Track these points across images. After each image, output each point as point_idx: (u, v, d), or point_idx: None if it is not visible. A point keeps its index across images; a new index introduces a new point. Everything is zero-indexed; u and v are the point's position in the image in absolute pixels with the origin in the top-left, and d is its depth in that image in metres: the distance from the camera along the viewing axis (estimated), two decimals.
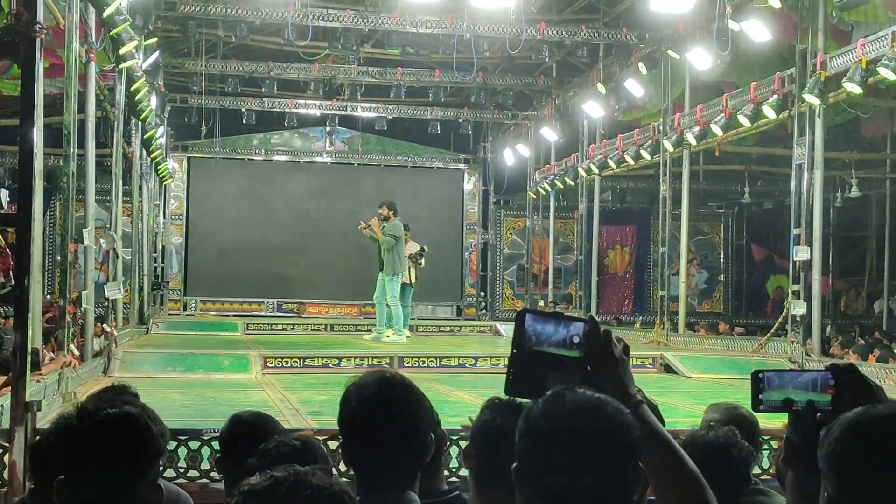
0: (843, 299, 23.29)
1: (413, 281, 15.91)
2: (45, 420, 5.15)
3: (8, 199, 5.50)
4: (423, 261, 16.08)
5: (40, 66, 4.93)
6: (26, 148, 4.80)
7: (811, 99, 11.99)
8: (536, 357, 1.91)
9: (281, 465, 1.83)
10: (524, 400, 1.94)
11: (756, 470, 3.75)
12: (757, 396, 2.21)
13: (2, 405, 5.50)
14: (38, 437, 3.92)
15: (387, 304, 14.87)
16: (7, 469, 4.62)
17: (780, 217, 21.59)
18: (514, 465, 1.81)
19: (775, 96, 12.81)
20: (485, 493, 2.67)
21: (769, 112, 12.95)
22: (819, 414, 2.16)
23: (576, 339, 1.91)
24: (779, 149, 18.78)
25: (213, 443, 5.03)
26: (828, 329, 13.65)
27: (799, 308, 12.29)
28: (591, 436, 1.75)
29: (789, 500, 2.38)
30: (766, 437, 5.25)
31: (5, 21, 4.76)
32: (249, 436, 3.28)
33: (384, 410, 2.55)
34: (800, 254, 12.37)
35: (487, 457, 2.63)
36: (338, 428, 2.63)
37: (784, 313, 12.96)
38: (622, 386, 1.91)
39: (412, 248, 15.92)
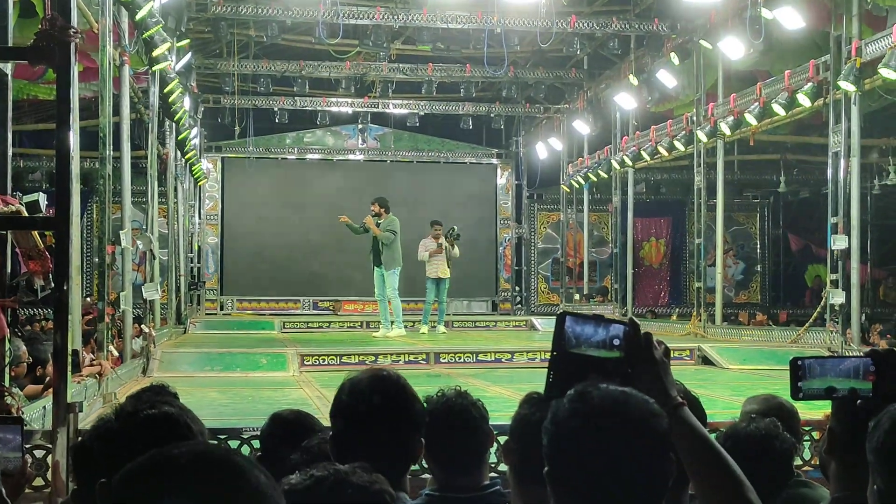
0: (881, 287, 23.06)
1: (442, 275, 15.92)
2: (86, 421, 5.19)
3: (46, 202, 5.54)
4: (457, 247, 16.07)
5: (75, 71, 4.97)
6: (63, 151, 4.84)
7: (846, 86, 11.86)
8: (576, 359, 1.91)
9: (319, 464, 1.82)
10: None
11: (798, 461, 3.72)
12: (796, 384, 2.19)
13: (44, 407, 5.56)
14: (79, 439, 3.95)
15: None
16: (50, 470, 4.67)
17: (816, 206, 21.39)
18: (545, 468, 1.80)
19: (810, 84, 12.69)
20: (525, 488, 2.66)
21: (804, 100, 12.83)
22: (860, 401, 2.13)
23: (616, 341, 1.91)
24: (814, 137, 18.62)
25: (252, 441, 5.06)
26: (862, 318, 13.51)
27: (837, 297, 12.18)
28: (620, 430, 1.74)
29: (833, 491, 2.36)
30: (807, 428, 5.20)
31: (39, 26, 4.79)
32: (289, 434, 3.30)
33: (373, 403, 2.58)
34: (838, 242, 12.25)
35: (527, 451, 2.62)
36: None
37: (822, 303, 12.85)
38: (662, 388, 1.90)
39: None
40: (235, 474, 1.23)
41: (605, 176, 20.15)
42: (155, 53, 11.67)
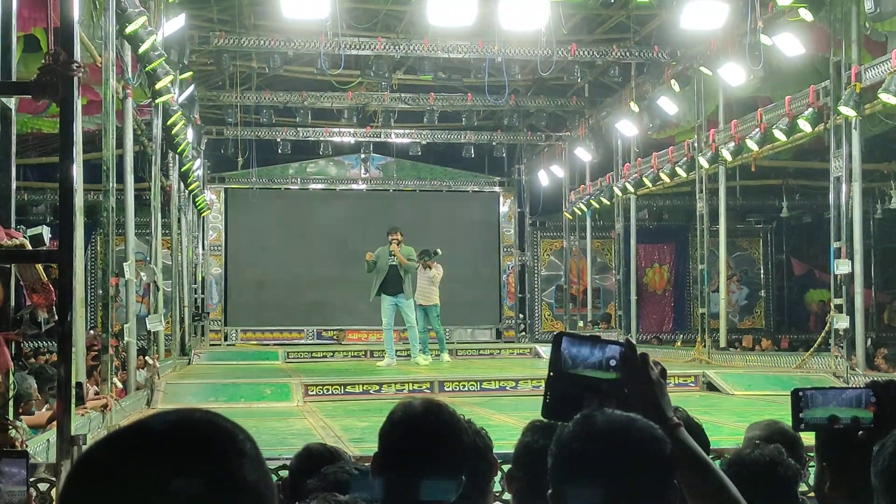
0: (886, 311, 22.98)
1: (424, 302, 15.94)
2: None
3: (50, 235, 5.55)
4: (438, 268, 15.95)
5: (78, 104, 4.99)
6: (66, 184, 4.86)
7: (847, 111, 11.89)
8: (573, 380, 1.91)
9: (321, 495, 1.81)
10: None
11: (803, 487, 3.70)
12: (798, 415, 2.19)
13: (48, 440, 5.55)
14: None
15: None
16: (54, 503, 4.66)
17: (819, 231, 21.40)
18: (549, 491, 1.80)
19: (810, 109, 12.73)
20: None
21: (805, 125, 12.86)
22: (861, 432, 2.14)
23: (612, 362, 1.91)
24: (816, 162, 18.64)
25: None
26: (868, 342, 13.49)
27: (842, 322, 12.15)
28: (623, 455, 1.75)
29: None
30: (811, 454, 5.18)
31: (43, 61, 4.82)
32: (318, 467, 3.29)
33: (422, 427, 2.57)
34: (841, 267, 12.24)
35: (530, 478, 2.62)
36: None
37: (826, 327, 12.83)
38: (659, 408, 1.90)
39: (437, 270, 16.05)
40: (220, 438, 1.16)
41: (608, 203, 20.18)
42: (158, 86, 11.74)
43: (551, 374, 1.93)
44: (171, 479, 1.09)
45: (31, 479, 4.29)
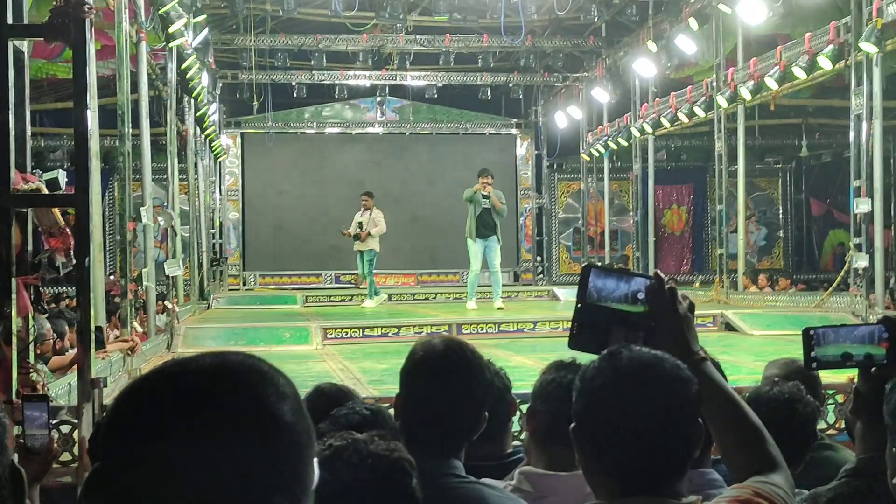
0: None
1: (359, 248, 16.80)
2: (110, 397, 5.24)
3: (66, 180, 5.56)
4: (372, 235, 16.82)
5: (91, 47, 4.96)
6: (81, 129, 4.85)
7: (868, 47, 11.72)
8: (600, 312, 1.90)
9: (338, 433, 1.81)
10: (587, 359, 1.94)
11: (822, 425, 3.70)
12: (809, 354, 2.18)
13: (69, 383, 5.60)
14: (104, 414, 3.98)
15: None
16: (77, 445, 4.71)
17: (838, 170, 21.23)
18: (572, 424, 1.80)
19: (831, 46, 12.56)
20: (549, 450, 2.66)
21: (825, 63, 12.70)
22: (874, 368, 2.13)
23: (640, 295, 1.90)
24: (836, 100, 18.43)
25: None
26: (892, 281, 13.42)
27: (861, 261, 12.09)
28: (649, 392, 1.74)
29: (859, 451, 2.35)
30: (830, 392, 5.18)
31: (55, 3, 4.79)
32: (328, 408, 3.30)
33: (444, 365, 2.57)
34: (861, 206, 12.15)
35: (555, 412, 2.61)
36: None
37: (846, 267, 12.77)
38: (685, 342, 1.89)
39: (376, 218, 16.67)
40: (260, 379, 1.14)
41: (626, 144, 20.04)
42: (171, 30, 11.67)
43: (578, 305, 1.93)
44: (210, 418, 1.09)
45: (54, 422, 4.33)
